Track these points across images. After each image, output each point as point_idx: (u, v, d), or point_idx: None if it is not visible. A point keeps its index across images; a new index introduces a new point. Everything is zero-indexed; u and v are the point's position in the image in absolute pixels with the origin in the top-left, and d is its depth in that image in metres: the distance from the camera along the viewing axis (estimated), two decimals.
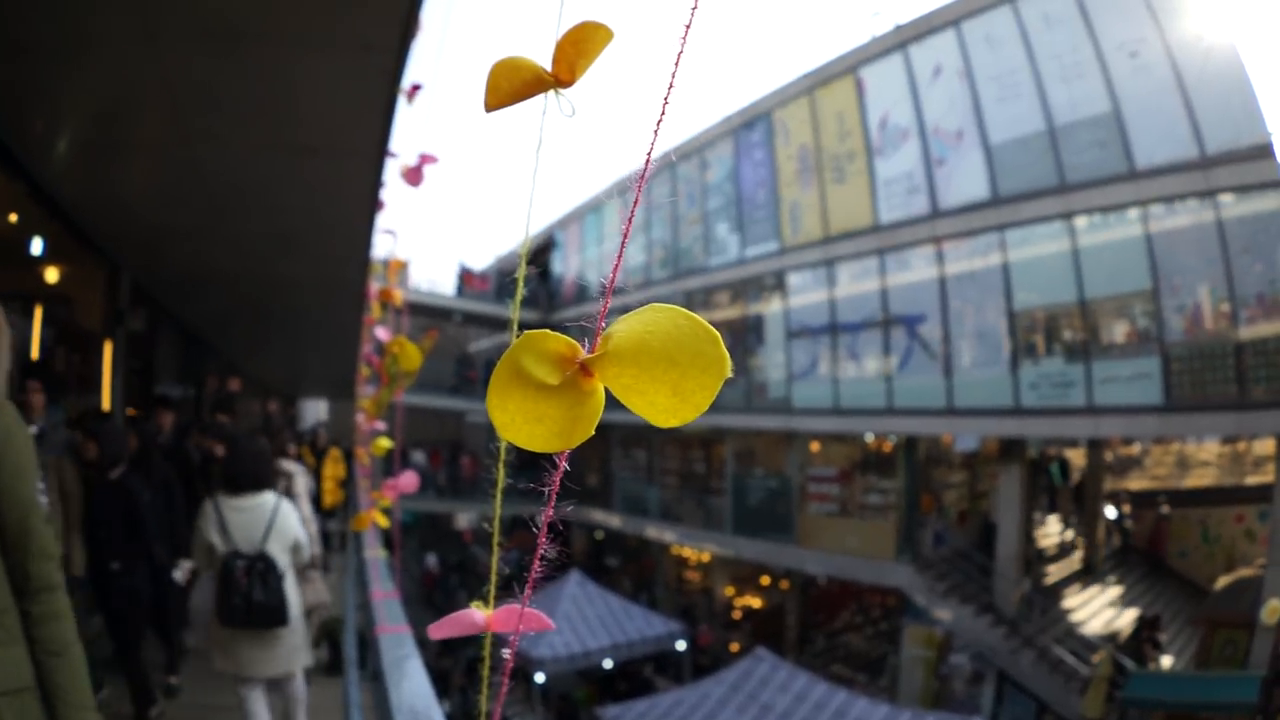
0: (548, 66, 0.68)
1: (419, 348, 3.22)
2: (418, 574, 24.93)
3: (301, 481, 6.10)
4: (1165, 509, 18.53)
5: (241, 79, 3.25)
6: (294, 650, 4.00)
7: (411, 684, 2.19)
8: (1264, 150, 12.10)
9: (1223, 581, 15.57)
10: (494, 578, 0.92)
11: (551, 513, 0.68)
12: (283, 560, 3.88)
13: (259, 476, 4.02)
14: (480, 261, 30.38)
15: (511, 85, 0.69)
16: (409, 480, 3.23)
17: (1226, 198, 12.41)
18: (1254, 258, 12.25)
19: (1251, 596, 13.19)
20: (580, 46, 0.66)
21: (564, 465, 0.64)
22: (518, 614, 0.85)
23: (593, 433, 0.58)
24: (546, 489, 0.66)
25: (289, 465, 6.17)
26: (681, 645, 16.45)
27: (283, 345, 11.14)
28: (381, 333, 3.99)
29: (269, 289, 7.19)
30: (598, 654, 14.98)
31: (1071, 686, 13.40)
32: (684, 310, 0.55)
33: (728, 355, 0.53)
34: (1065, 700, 13.33)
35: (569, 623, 15.26)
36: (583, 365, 0.55)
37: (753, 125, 19.70)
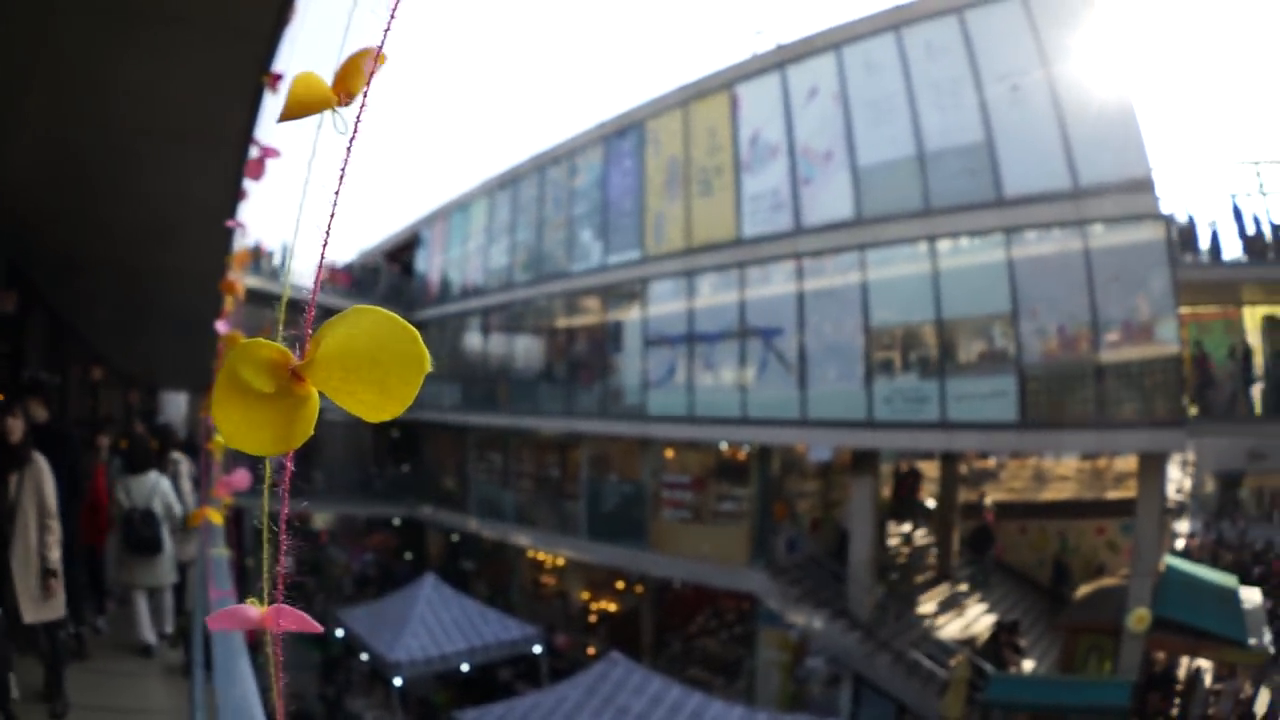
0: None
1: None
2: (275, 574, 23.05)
3: (185, 467, 7.43)
4: (988, 501, 18.97)
5: (127, 61, 3.18)
6: (165, 571, 5.94)
7: (239, 683, 2.26)
8: (1142, 184, 12.18)
9: (1084, 590, 15.82)
10: (267, 574, 0.76)
11: (287, 511, 0.67)
12: (160, 514, 5.84)
13: (149, 462, 6.10)
14: (343, 255, 28.71)
15: (306, 99, 0.69)
16: (240, 478, 3.28)
17: (1097, 228, 12.47)
18: (1122, 286, 12.35)
19: (1115, 605, 13.31)
20: (359, 70, 0.68)
21: (290, 467, 0.63)
22: (287, 614, 0.78)
23: (311, 434, 0.59)
24: (285, 488, 0.65)
25: (176, 455, 7.38)
26: (538, 649, 15.77)
27: (146, 335, 11.06)
28: (220, 325, 3.87)
29: (134, 276, 7.33)
30: (454, 657, 14.54)
31: (930, 689, 13.26)
32: (385, 311, 0.56)
33: (427, 352, 0.55)
34: (924, 702, 13.19)
35: (425, 626, 14.74)
36: (294, 371, 0.56)
37: (625, 134, 18.89)
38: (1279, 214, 14.91)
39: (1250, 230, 14.78)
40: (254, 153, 3.53)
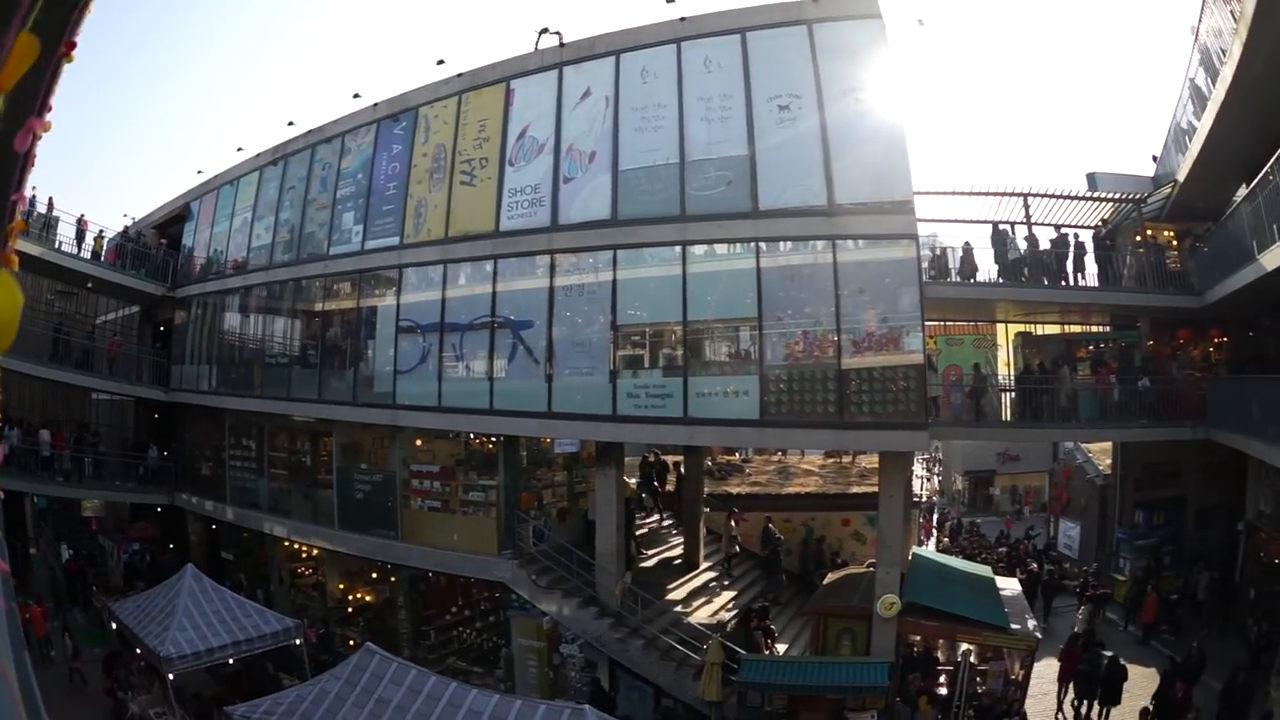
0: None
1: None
2: (57, 564, 21.10)
3: None
4: (704, 493, 19.21)
5: None
6: None
7: None
8: (899, 206, 12.34)
9: (831, 578, 16.10)
10: None
11: None
12: None
13: None
14: (115, 228, 25.84)
15: None
16: None
17: (849, 243, 12.57)
18: (869, 298, 12.51)
19: (863, 591, 13.53)
20: (16, 59, 0.78)
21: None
22: None
23: None
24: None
25: None
26: (298, 641, 14.96)
27: None
28: None
29: None
30: (220, 651, 13.89)
31: (684, 672, 13.14)
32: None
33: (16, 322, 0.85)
34: (681, 685, 13.04)
35: (189, 620, 14.05)
36: None
37: (399, 118, 17.38)
38: (1043, 240, 16.11)
39: (1011, 254, 15.84)
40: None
